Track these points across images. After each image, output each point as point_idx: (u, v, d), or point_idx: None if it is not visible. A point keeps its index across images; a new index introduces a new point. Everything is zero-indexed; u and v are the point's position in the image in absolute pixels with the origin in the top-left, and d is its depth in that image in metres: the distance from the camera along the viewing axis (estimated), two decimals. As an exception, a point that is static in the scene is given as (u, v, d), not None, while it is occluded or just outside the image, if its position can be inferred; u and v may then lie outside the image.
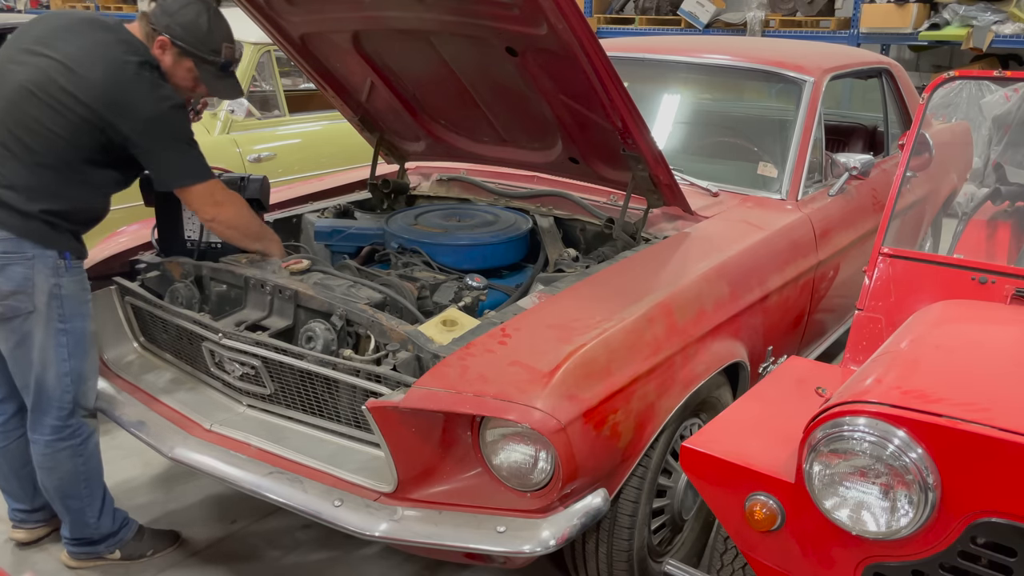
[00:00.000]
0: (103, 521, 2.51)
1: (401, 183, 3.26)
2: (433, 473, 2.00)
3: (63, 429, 2.35)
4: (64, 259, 2.25)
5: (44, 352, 2.27)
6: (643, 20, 7.59)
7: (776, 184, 2.99)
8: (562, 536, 1.89)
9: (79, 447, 2.39)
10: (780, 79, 3.21)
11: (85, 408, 2.39)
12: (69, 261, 2.26)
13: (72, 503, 2.45)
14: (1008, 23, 6.05)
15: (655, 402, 2.09)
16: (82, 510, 2.46)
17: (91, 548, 2.54)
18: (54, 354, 2.28)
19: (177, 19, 2.27)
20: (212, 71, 2.35)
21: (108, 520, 2.53)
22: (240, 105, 4.18)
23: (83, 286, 2.33)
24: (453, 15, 2.30)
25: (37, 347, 2.27)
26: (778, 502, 1.64)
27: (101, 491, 2.50)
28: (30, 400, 2.34)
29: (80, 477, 2.42)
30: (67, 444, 2.37)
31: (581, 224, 2.90)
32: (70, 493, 2.43)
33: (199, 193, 2.32)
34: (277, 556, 2.71)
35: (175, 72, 2.32)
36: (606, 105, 2.27)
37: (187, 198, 2.35)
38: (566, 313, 2.13)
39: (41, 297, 2.23)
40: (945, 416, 1.42)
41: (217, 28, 2.32)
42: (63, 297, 2.26)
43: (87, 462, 2.42)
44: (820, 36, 6.84)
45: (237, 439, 2.26)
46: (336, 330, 2.23)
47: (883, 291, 2.21)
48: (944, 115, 4.47)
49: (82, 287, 2.33)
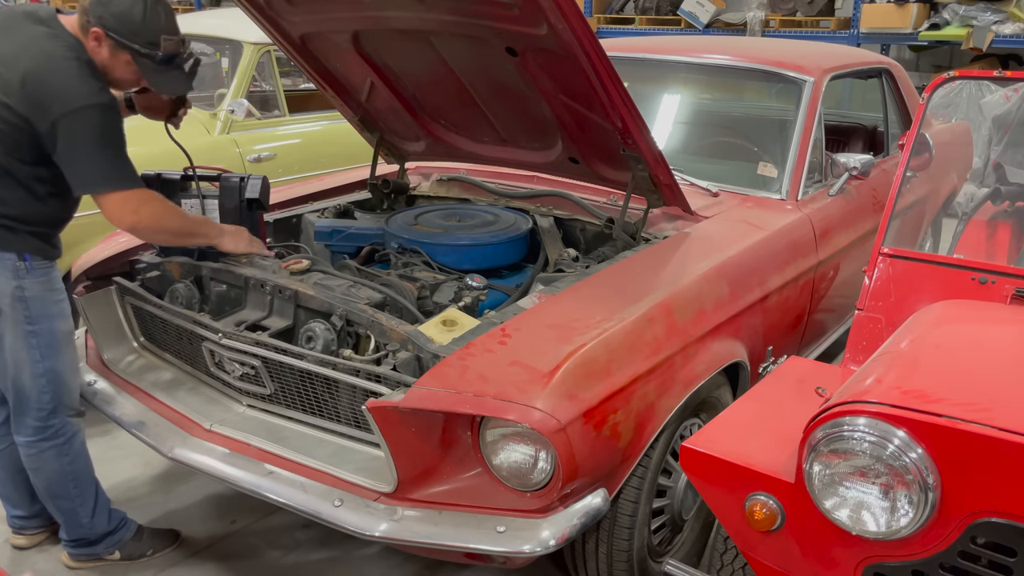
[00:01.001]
0: (97, 520, 2.50)
1: (401, 183, 3.26)
2: (433, 473, 2.00)
3: (45, 430, 2.34)
4: (24, 261, 2.21)
5: (16, 354, 2.27)
6: (643, 20, 7.60)
7: (776, 184, 2.99)
8: (562, 536, 1.89)
9: (63, 447, 2.37)
10: (780, 79, 3.21)
11: (70, 407, 2.38)
12: (30, 262, 2.22)
13: (63, 503, 2.44)
14: (1008, 23, 6.05)
15: (655, 402, 2.09)
16: (74, 510, 2.45)
17: (89, 549, 2.54)
18: (26, 355, 2.27)
19: (110, 9, 2.12)
20: (151, 65, 2.20)
21: (103, 520, 2.52)
22: (240, 105, 4.17)
23: (50, 286, 2.28)
24: (453, 15, 2.30)
25: (8, 349, 2.26)
26: (778, 502, 1.64)
27: (92, 491, 2.48)
28: (11, 402, 2.35)
29: (68, 477, 2.40)
30: (50, 444, 2.35)
31: (581, 224, 2.90)
32: (59, 493, 2.42)
33: (116, 201, 2.17)
34: (277, 556, 2.71)
35: (114, 66, 2.19)
36: (606, 105, 2.27)
37: (103, 206, 2.18)
38: (566, 313, 2.13)
39: (4, 300, 2.21)
40: (945, 416, 1.42)
41: (154, 18, 2.16)
42: (27, 299, 2.23)
43: (73, 462, 2.41)
44: (820, 36, 6.84)
45: (237, 439, 2.26)
46: (336, 330, 2.23)
47: (883, 291, 2.21)
48: (944, 115, 4.47)
49: (48, 287, 2.28)
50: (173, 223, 2.34)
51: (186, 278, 2.59)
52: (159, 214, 2.28)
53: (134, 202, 2.20)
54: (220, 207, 2.59)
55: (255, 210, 2.61)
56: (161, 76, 2.25)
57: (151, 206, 2.25)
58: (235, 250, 2.48)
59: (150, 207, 2.25)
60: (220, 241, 2.47)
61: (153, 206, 2.26)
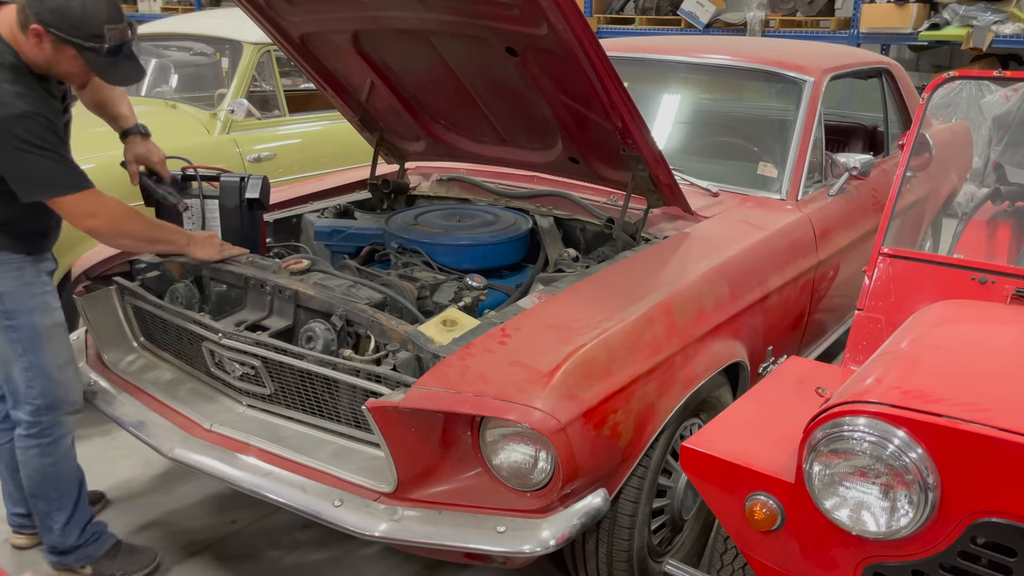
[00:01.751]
0: (68, 531, 2.45)
1: (401, 183, 3.26)
2: (433, 473, 2.00)
3: (33, 425, 2.34)
4: None
5: (1, 349, 2.27)
6: (643, 20, 7.59)
7: (776, 184, 2.99)
8: (562, 536, 1.89)
9: (48, 447, 2.36)
10: (780, 79, 3.21)
11: (66, 402, 2.36)
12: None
13: (40, 504, 2.42)
14: (1008, 23, 6.05)
15: (655, 402, 2.09)
16: (49, 513, 2.43)
17: (61, 558, 2.50)
18: (9, 350, 2.27)
19: (47, 4, 2.01)
20: (97, 58, 2.09)
21: (75, 532, 2.46)
22: (240, 105, 4.18)
23: (24, 280, 2.26)
24: (453, 15, 2.30)
25: None
26: (778, 502, 1.64)
27: (73, 500, 2.44)
28: (8, 396, 2.36)
29: (48, 479, 2.38)
30: (35, 442, 2.35)
31: (581, 224, 2.90)
32: (37, 493, 2.41)
33: (69, 204, 2.14)
34: (277, 556, 2.71)
35: (59, 62, 2.10)
36: (606, 105, 2.27)
37: (58, 210, 2.16)
38: (566, 313, 2.13)
39: None
40: (945, 416, 1.42)
41: (94, 9, 2.04)
42: (1, 294, 2.23)
43: (55, 464, 2.38)
44: (820, 36, 6.84)
45: (237, 439, 2.26)
46: (336, 330, 2.23)
47: (883, 291, 2.21)
48: (944, 115, 4.47)
49: (23, 282, 2.25)
50: (134, 227, 2.29)
51: (186, 278, 2.58)
52: (118, 217, 2.23)
53: (88, 205, 2.16)
54: (220, 207, 2.60)
55: (255, 210, 2.61)
56: (113, 68, 2.15)
57: (108, 209, 2.20)
58: (207, 258, 2.44)
59: (107, 210, 2.20)
60: (189, 249, 2.42)
61: (111, 209, 2.21)
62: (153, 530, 2.82)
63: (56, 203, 2.14)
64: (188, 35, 4.90)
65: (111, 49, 2.09)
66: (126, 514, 2.89)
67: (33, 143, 2.05)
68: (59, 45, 2.06)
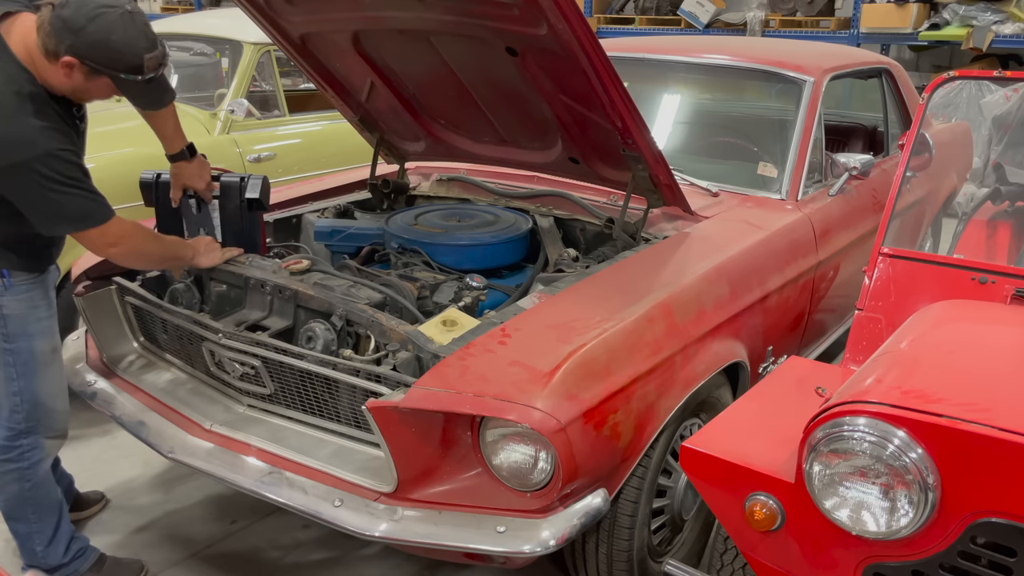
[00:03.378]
0: (52, 551, 2.41)
1: (401, 183, 3.26)
2: (433, 473, 2.00)
3: (10, 449, 2.28)
4: (3, 277, 2.15)
5: None
6: (643, 20, 7.60)
7: (776, 184, 2.99)
8: (562, 536, 1.89)
9: (26, 471, 2.31)
10: (780, 79, 3.21)
11: (53, 429, 2.33)
12: (9, 279, 2.16)
13: (19, 527, 2.38)
14: (1008, 23, 6.05)
15: (655, 402, 2.09)
16: (29, 536, 2.39)
17: None
18: (1, 372, 2.22)
19: (84, 38, 1.93)
20: (134, 85, 2.06)
21: (58, 551, 2.42)
22: (240, 105, 4.18)
23: (31, 304, 2.22)
24: (453, 15, 2.30)
25: None
26: (778, 502, 1.64)
27: (54, 521, 2.40)
28: None
29: (26, 503, 2.34)
30: (13, 466, 2.29)
31: (581, 224, 2.90)
32: (15, 516, 2.37)
33: (93, 236, 2.11)
34: (277, 556, 2.71)
35: (89, 90, 2.06)
36: (606, 105, 2.27)
37: (81, 241, 2.13)
38: (566, 313, 2.13)
39: None
40: (945, 416, 1.42)
41: (134, 39, 1.99)
42: (5, 316, 2.18)
43: (34, 489, 2.34)
44: (820, 36, 6.84)
45: (237, 439, 2.26)
46: (336, 330, 2.23)
47: (883, 291, 2.21)
48: (944, 115, 4.47)
49: (30, 305, 2.21)
50: (150, 250, 2.30)
51: (186, 278, 2.58)
52: (137, 243, 2.23)
53: (111, 236, 2.13)
54: (220, 207, 2.59)
55: (255, 210, 2.61)
56: (146, 91, 2.13)
57: (129, 236, 2.19)
58: (212, 264, 2.45)
59: (128, 237, 2.19)
60: (197, 261, 2.42)
61: (131, 236, 2.20)
62: (153, 530, 2.82)
63: (81, 236, 2.11)
64: (188, 35, 4.89)
65: (148, 78, 2.06)
66: (126, 514, 2.89)
67: (58, 180, 1.99)
68: (94, 75, 2.01)
